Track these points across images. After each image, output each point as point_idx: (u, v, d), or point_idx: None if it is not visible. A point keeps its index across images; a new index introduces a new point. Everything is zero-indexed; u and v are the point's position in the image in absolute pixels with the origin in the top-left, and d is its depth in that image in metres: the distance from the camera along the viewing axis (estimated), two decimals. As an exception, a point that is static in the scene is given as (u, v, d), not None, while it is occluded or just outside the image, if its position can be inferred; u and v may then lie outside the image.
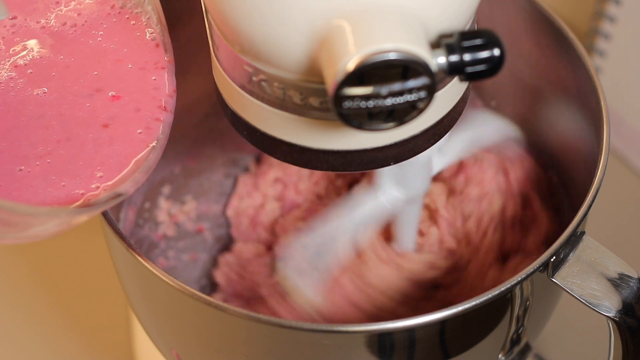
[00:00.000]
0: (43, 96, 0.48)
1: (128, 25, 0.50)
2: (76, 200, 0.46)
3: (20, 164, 0.46)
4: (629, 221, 0.77)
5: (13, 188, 0.45)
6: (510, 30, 0.61)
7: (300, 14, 0.42)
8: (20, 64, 0.48)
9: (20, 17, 0.50)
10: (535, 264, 0.49)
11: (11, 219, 0.42)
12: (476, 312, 0.49)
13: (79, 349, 0.71)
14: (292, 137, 0.47)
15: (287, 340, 0.50)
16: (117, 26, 0.50)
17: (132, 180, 0.47)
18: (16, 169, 0.46)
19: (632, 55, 0.77)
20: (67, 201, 0.46)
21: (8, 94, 0.48)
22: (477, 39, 0.42)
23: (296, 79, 0.44)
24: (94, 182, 0.46)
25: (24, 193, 0.45)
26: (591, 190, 0.52)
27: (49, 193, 0.45)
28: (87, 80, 0.49)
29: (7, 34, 0.49)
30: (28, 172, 0.46)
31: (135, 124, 0.48)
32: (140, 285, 0.54)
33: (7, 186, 0.45)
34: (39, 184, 0.46)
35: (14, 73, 0.48)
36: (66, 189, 0.46)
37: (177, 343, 0.56)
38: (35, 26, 0.49)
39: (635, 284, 0.50)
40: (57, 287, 0.74)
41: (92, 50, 0.50)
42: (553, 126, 0.62)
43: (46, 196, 0.45)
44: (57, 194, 0.46)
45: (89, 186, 0.46)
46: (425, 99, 0.42)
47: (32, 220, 0.43)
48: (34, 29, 0.50)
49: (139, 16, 0.51)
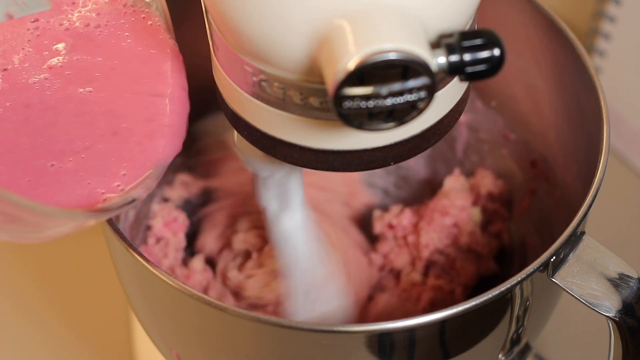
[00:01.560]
0: (88, 95, 0.49)
1: (146, 25, 0.51)
2: (96, 201, 0.47)
3: (53, 159, 0.47)
4: (629, 221, 0.77)
5: (41, 183, 0.46)
6: (510, 30, 0.61)
7: (300, 14, 0.42)
8: (55, 66, 0.50)
9: (42, 20, 0.51)
10: (535, 264, 0.49)
11: (32, 219, 0.43)
12: (476, 312, 0.49)
13: (79, 348, 0.71)
14: (292, 137, 0.47)
15: (287, 340, 0.50)
16: (137, 26, 0.51)
17: (144, 186, 0.48)
18: (48, 164, 0.47)
19: (632, 55, 0.77)
20: (88, 201, 0.47)
21: (44, 93, 0.49)
22: (477, 39, 0.42)
23: (296, 79, 0.44)
24: (116, 181, 0.47)
25: (50, 189, 0.46)
26: (591, 190, 0.52)
27: (73, 191, 0.47)
28: (132, 81, 0.50)
29: (32, 36, 0.50)
30: (59, 167, 0.47)
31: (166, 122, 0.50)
32: (140, 285, 0.54)
33: (35, 181, 0.46)
34: (67, 181, 0.47)
35: (48, 74, 0.49)
36: (90, 186, 0.47)
37: (177, 343, 0.56)
38: (59, 28, 0.51)
39: (635, 284, 0.50)
40: (57, 287, 0.74)
41: (127, 52, 0.51)
42: (553, 126, 0.62)
43: (69, 194, 0.46)
44: (80, 192, 0.47)
45: (110, 185, 0.47)
46: (426, 99, 0.42)
47: (51, 221, 0.44)
48: (58, 31, 0.51)
49: (152, 16, 0.51)
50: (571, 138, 0.60)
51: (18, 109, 0.48)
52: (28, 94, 0.49)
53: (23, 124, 0.48)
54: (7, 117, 0.48)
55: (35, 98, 0.48)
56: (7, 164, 0.47)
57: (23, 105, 0.48)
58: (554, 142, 0.63)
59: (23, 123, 0.48)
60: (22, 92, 0.49)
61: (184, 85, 0.50)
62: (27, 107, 0.48)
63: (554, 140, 0.63)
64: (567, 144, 0.61)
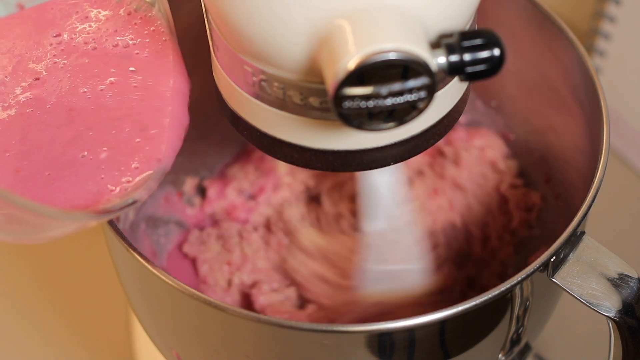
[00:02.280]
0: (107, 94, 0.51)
1: (152, 33, 0.52)
2: (103, 198, 0.48)
3: (86, 150, 0.49)
4: (629, 221, 0.77)
5: (59, 177, 0.48)
6: (510, 30, 0.61)
7: (300, 14, 0.42)
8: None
9: (64, 35, 0.52)
10: (535, 264, 0.49)
11: (33, 220, 0.44)
12: (476, 312, 0.49)
13: (79, 348, 0.71)
14: (292, 137, 0.47)
15: (287, 340, 0.50)
16: (142, 32, 0.52)
17: (145, 187, 0.48)
18: (79, 155, 0.49)
19: (632, 55, 0.77)
20: (96, 198, 0.48)
21: (79, 97, 0.51)
22: (477, 39, 0.42)
23: (296, 79, 0.44)
24: (127, 175, 0.48)
25: (65, 183, 0.48)
26: (591, 190, 0.52)
27: (85, 187, 0.48)
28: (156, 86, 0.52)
29: (57, 51, 0.52)
30: (90, 159, 0.49)
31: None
32: (140, 285, 0.54)
33: (54, 175, 0.48)
34: (84, 174, 0.48)
35: (87, 88, 0.51)
36: (103, 182, 0.48)
37: (177, 343, 0.56)
38: (77, 45, 0.52)
39: (635, 284, 0.50)
40: (57, 287, 0.74)
41: (142, 62, 0.52)
42: (553, 126, 0.62)
43: (81, 189, 0.48)
44: (91, 189, 0.48)
45: (120, 180, 0.48)
46: (426, 99, 0.42)
47: (53, 222, 0.45)
48: (79, 45, 0.52)
49: (154, 19, 0.52)
50: (571, 138, 0.60)
51: (59, 112, 0.50)
52: (65, 100, 0.50)
53: (60, 124, 0.49)
54: (44, 119, 0.49)
55: (72, 101, 0.50)
56: (32, 160, 0.48)
57: (66, 109, 0.50)
58: (554, 142, 0.63)
59: (61, 123, 0.49)
60: (61, 97, 0.50)
61: (184, 90, 0.51)
62: (70, 111, 0.50)
63: (554, 140, 0.63)
64: (567, 144, 0.61)
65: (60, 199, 0.47)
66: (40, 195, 0.47)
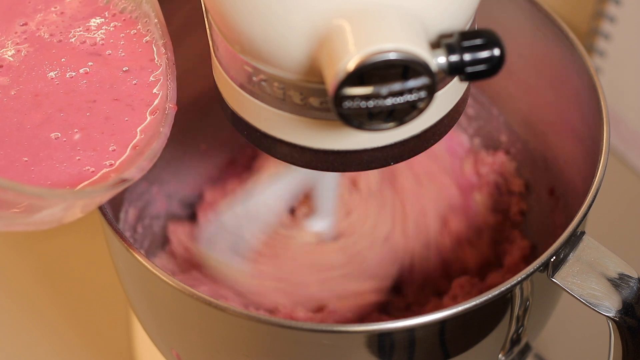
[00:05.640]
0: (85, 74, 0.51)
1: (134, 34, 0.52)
2: (86, 179, 0.47)
3: (59, 131, 0.49)
4: (629, 221, 0.77)
5: (36, 161, 0.48)
6: (510, 30, 0.61)
7: (300, 14, 0.42)
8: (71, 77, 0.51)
9: (31, 24, 0.52)
10: (535, 264, 0.49)
11: (18, 200, 0.43)
12: (476, 312, 0.49)
13: (79, 348, 0.71)
14: (292, 137, 0.47)
15: (287, 340, 0.50)
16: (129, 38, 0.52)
17: (137, 166, 0.48)
18: (53, 137, 0.48)
19: (632, 55, 0.77)
20: (78, 180, 0.47)
21: (48, 82, 0.51)
22: (477, 39, 0.42)
23: (296, 79, 0.44)
24: (106, 158, 0.48)
25: (44, 167, 0.47)
26: (591, 190, 0.52)
27: (64, 170, 0.47)
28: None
29: (21, 39, 0.51)
30: (63, 140, 0.48)
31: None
32: (140, 285, 0.54)
33: (32, 160, 0.48)
34: (60, 157, 0.48)
35: (85, 80, 0.51)
36: (80, 163, 0.48)
37: (177, 343, 0.56)
38: (76, 45, 0.52)
39: (635, 284, 0.50)
40: (57, 286, 0.74)
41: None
42: (553, 126, 0.62)
43: (61, 172, 0.47)
44: (70, 171, 0.47)
45: (100, 163, 0.48)
46: (426, 99, 0.42)
47: (39, 202, 0.44)
48: (75, 46, 0.52)
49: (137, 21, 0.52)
50: (571, 138, 0.60)
51: (25, 98, 0.50)
52: (30, 85, 0.50)
53: (28, 109, 0.49)
54: (11, 106, 0.49)
55: (37, 87, 0.50)
56: (6, 149, 0.48)
57: (32, 94, 0.50)
58: (554, 142, 0.63)
59: (28, 109, 0.49)
60: (26, 83, 0.50)
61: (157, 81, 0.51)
62: (36, 95, 0.50)
63: (554, 140, 0.63)
64: (567, 143, 0.61)
65: (42, 183, 0.47)
66: (23, 182, 0.47)
